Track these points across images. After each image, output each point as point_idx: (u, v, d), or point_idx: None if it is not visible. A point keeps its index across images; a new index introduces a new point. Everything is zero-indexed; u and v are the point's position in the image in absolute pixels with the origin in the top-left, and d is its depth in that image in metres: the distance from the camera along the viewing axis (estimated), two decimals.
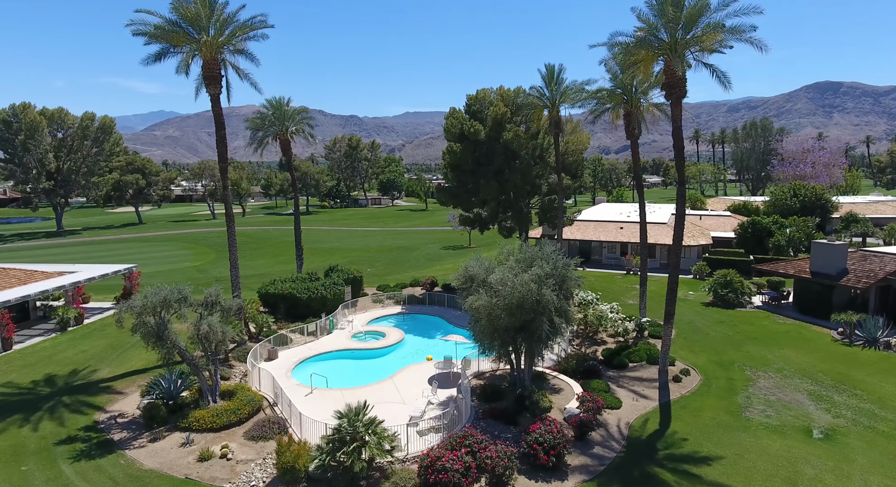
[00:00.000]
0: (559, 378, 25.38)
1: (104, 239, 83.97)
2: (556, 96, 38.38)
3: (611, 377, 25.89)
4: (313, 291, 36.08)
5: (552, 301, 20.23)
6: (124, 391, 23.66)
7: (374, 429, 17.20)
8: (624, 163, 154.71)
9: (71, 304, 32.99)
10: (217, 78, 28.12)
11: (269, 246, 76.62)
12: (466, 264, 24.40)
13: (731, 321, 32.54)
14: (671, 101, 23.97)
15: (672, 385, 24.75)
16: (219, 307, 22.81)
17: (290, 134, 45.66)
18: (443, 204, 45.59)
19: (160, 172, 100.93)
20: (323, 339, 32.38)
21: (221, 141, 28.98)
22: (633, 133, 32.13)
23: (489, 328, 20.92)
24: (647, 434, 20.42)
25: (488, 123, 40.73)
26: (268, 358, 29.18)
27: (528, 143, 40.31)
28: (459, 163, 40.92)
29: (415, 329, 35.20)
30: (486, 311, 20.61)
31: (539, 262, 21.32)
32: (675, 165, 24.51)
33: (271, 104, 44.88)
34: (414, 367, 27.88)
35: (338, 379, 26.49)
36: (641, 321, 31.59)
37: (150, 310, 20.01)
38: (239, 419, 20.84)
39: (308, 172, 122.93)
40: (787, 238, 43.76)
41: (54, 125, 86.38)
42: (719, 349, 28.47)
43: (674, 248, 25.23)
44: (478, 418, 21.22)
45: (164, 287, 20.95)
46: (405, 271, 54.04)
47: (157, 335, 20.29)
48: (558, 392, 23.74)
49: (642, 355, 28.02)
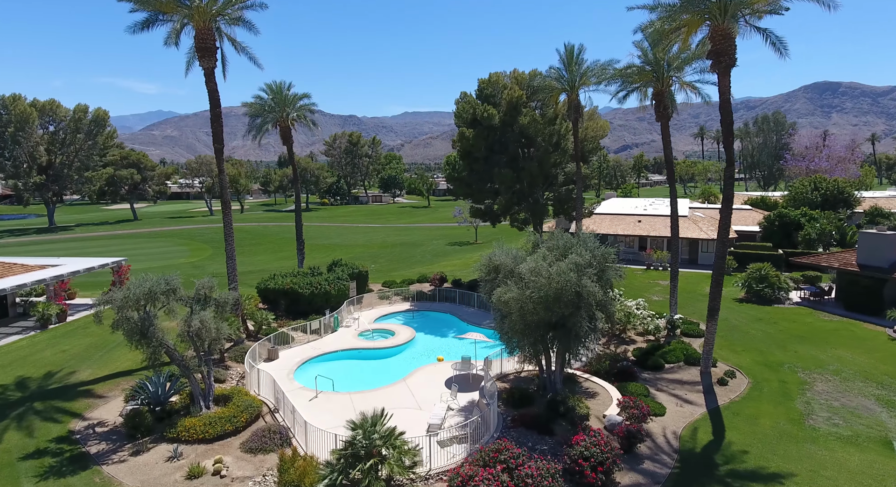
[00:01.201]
0: (591, 381, 22.85)
1: (97, 235, 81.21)
2: (576, 78, 35.83)
3: (647, 380, 23.40)
4: (316, 286, 33.52)
5: (594, 294, 17.68)
6: (106, 395, 21.05)
7: (393, 442, 14.64)
8: (629, 160, 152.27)
9: (53, 299, 30.34)
10: (211, 50, 25.52)
11: (269, 242, 74.05)
12: (490, 253, 21.88)
13: (770, 319, 30.02)
14: (718, 71, 21.44)
15: (718, 389, 22.24)
16: (212, 302, 20.25)
17: (290, 121, 43.09)
18: (454, 194, 43.00)
19: (156, 167, 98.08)
20: (327, 338, 29.85)
21: (216, 120, 26.37)
22: (663, 114, 29.59)
23: (520, 324, 18.36)
24: (701, 445, 17.88)
25: (502, 108, 38.17)
26: (268, 358, 26.64)
27: (545, 128, 37.76)
28: (472, 150, 38.34)
29: (426, 327, 32.67)
30: (518, 305, 18.06)
31: (577, 249, 18.76)
32: (724, 143, 21.96)
33: (270, 89, 42.23)
34: (428, 368, 25.37)
35: (345, 381, 23.98)
36: (674, 318, 29.09)
37: (133, 304, 17.41)
38: (235, 429, 18.27)
39: (308, 168, 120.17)
40: (818, 231, 41.25)
41: (46, 118, 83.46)
42: (763, 348, 25.95)
43: (720, 236, 22.69)
44: (507, 426, 18.67)
45: (149, 277, 18.37)
46: (410, 267, 51.52)
47: (142, 333, 17.71)
48: (593, 397, 21.21)
49: (679, 355, 25.55)
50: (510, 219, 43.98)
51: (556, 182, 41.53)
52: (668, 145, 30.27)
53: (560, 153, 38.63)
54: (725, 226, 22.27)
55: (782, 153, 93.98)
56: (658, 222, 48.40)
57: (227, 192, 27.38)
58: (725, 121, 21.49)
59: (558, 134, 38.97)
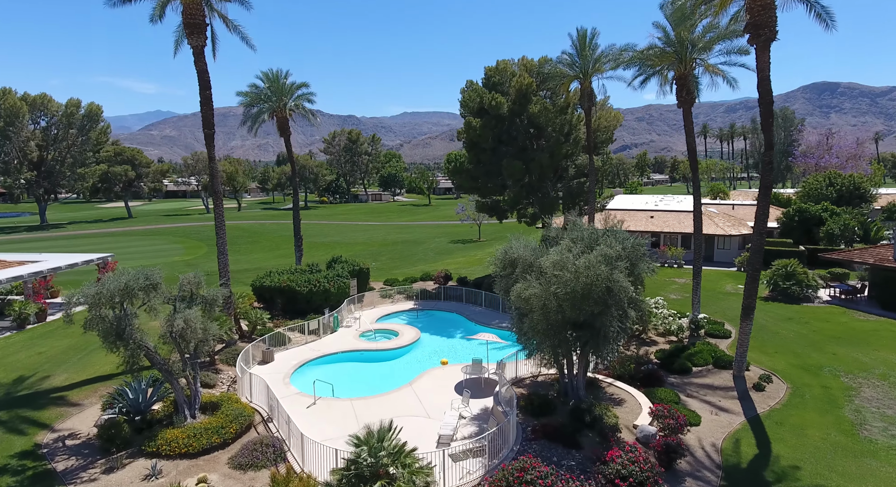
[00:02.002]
0: (616, 386, 20.88)
1: (89, 233, 79.04)
2: (589, 64, 33.91)
3: (675, 385, 21.46)
4: (315, 283, 31.54)
5: (626, 290, 15.72)
6: (81, 402, 19.04)
7: (403, 460, 12.67)
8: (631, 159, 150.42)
9: (31, 298, 28.29)
10: (200, 27, 23.55)
11: (266, 240, 72.00)
12: (505, 246, 19.93)
13: (801, 318, 28.09)
14: (757, 45, 19.52)
15: (754, 395, 20.30)
16: (199, 299, 18.26)
17: (288, 111, 41.11)
18: (461, 188, 41.01)
19: (151, 163, 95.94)
20: (326, 338, 27.90)
21: (206, 103, 24.37)
22: (686, 99, 27.63)
23: (542, 323, 16.39)
24: (746, 460, 15.93)
25: (511, 96, 36.21)
26: (262, 361, 24.68)
27: (557, 118, 35.80)
28: (478, 140, 36.37)
29: (431, 327, 30.71)
30: (540, 302, 16.09)
31: (606, 239, 16.81)
32: (762, 126, 20.01)
33: (267, 77, 40.22)
34: (436, 372, 23.42)
35: (346, 386, 22.05)
36: (697, 317, 27.15)
37: (107, 301, 15.41)
38: (223, 441, 16.28)
39: (307, 166, 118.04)
40: (841, 227, 39.35)
41: (37, 112, 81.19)
42: (798, 350, 24.01)
43: (757, 227, 20.74)
44: (527, 438, 16.69)
45: (126, 271, 16.38)
46: (413, 265, 49.56)
47: (118, 333, 15.72)
48: (619, 404, 19.25)
49: (706, 357, 23.62)
50: (517, 215, 42.03)
51: (566, 175, 39.60)
52: (691, 134, 28.33)
53: (572, 144, 36.69)
54: (763, 216, 20.33)
55: (790, 150, 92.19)
56: (671, 217, 46.48)
57: (217, 182, 25.39)
58: (764, 100, 19.54)
59: (569, 124, 37.03)
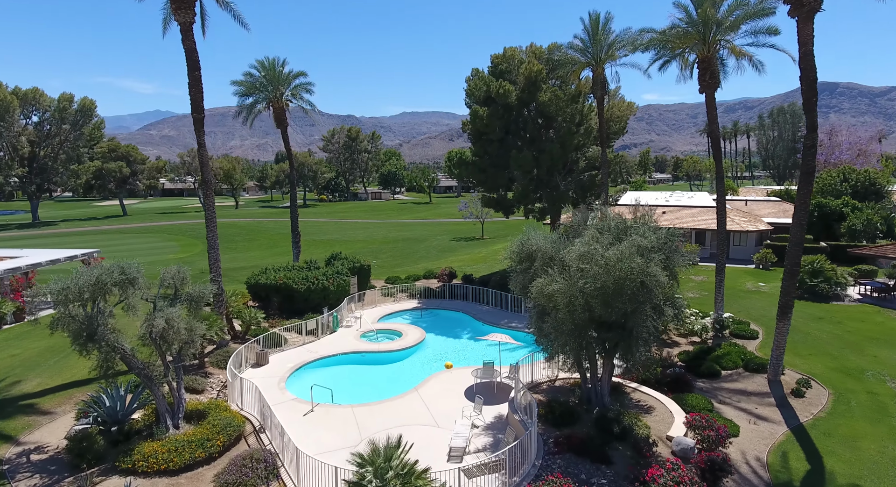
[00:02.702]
0: (641, 392, 19.10)
1: (81, 230, 77.16)
2: (602, 50, 32.20)
3: (704, 390, 19.71)
4: (313, 281, 29.74)
5: (662, 285, 13.94)
6: (54, 410, 17.23)
7: (415, 482, 10.87)
8: (634, 157, 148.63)
9: (8, 295, 26.43)
10: (188, 1, 21.74)
11: (263, 237, 70.22)
12: (521, 237, 18.14)
13: (832, 318, 26.33)
14: (798, 17, 17.78)
15: (794, 402, 18.53)
16: (184, 296, 16.46)
17: (284, 101, 39.34)
18: (464, 181, 39.21)
19: (146, 160, 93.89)
20: (325, 339, 26.12)
21: (195, 85, 22.56)
22: (709, 83, 25.83)
23: (568, 322, 14.59)
24: (798, 477, 14.16)
25: (519, 84, 34.40)
26: (256, 364, 22.89)
27: (568, 107, 33.99)
28: (485, 130, 34.54)
29: (436, 327, 28.92)
30: (565, 300, 14.29)
31: (638, 228, 15.02)
32: (805, 107, 18.23)
33: (262, 65, 38.49)
34: (443, 375, 21.64)
35: (346, 391, 20.29)
36: (722, 316, 25.39)
37: (75, 297, 13.59)
38: (208, 456, 14.47)
39: (305, 163, 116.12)
40: (864, 222, 37.61)
41: (28, 107, 79.20)
42: (834, 352, 22.25)
43: (797, 217, 18.98)
44: (550, 452, 14.89)
45: (100, 265, 14.58)
46: (415, 263, 47.79)
47: (89, 334, 13.90)
48: (648, 412, 17.46)
49: (735, 359, 21.86)
50: (524, 210, 40.22)
51: (576, 168, 37.79)
52: (715, 121, 26.57)
53: (584, 134, 34.89)
54: (804, 205, 18.58)
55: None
56: (684, 213, 44.73)
57: (208, 170, 23.59)
58: (807, 76, 17.77)
59: (580, 113, 35.21)
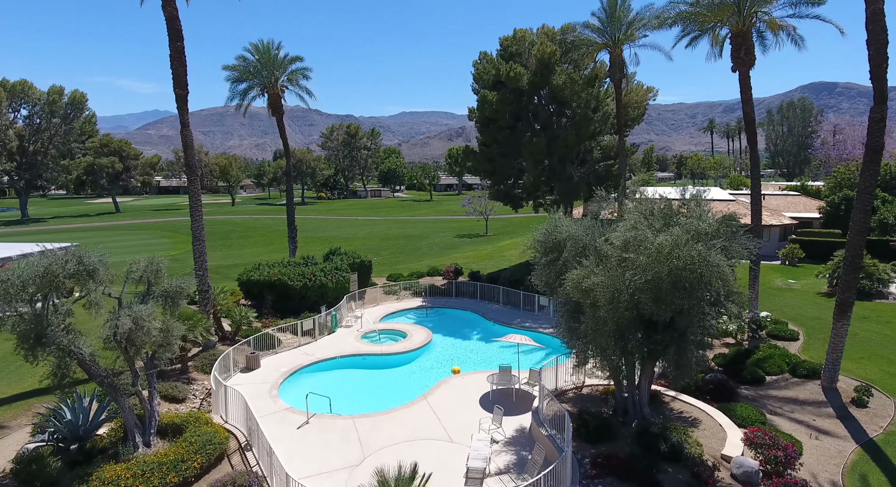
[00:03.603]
0: (680, 400, 16.79)
1: (71, 227, 74.72)
2: (620, 30, 29.89)
3: (751, 398, 17.48)
4: (310, 277, 27.45)
5: (726, 278, 11.65)
6: (8, 424, 14.90)
7: None
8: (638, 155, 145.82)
9: None
10: None
11: (259, 234, 67.84)
12: (547, 224, 15.83)
13: (879, 317, 24.08)
14: None
15: (856, 412, 16.30)
16: (159, 292, 14.13)
17: (280, 87, 37.04)
18: (473, 172, 36.90)
19: (139, 155, 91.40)
20: (322, 340, 23.86)
21: (178, 57, 20.21)
22: (744, 60, 23.54)
23: (611, 322, 12.30)
24: None
25: (531, 67, 32.13)
26: (246, 368, 20.63)
27: (583, 91, 31.71)
28: (495, 116, 32.25)
29: (444, 327, 26.68)
30: (608, 295, 12.00)
31: (694, 210, 12.76)
32: (873, 75, 15.96)
33: (256, 49, 36.16)
34: (454, 381, 19.37)
35: (346, 399, 18.07)
36: (759, 316, 23.13)
37: (18, 291, 11.27)
38: (183, 481, 12.18)
39: (304, 160, 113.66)
40: None
41: (17, 100, 76.73)
42: (890, 356, 20.01)
43: (860, 202, 16.71)
44: (587, 475, 12.60)
45: (54, 253, 12.29)
46: (418, 260, 45.47)
47: (37, 335, 11.59)
48: (695, 425, 15.15)
49: (779, 363, 19.64)
50: (533, 204, 37.93)
51: (589, 158, 35.52)
52: (749, 102, 24.23)
53: (600, 120, 32.58)
54: (870, 187, 16.31)
55: (809, 141, 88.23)
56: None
57: (192, 153, 21.27)
58: (876, 39, 15.53)
59: (596, 98, 32.92)
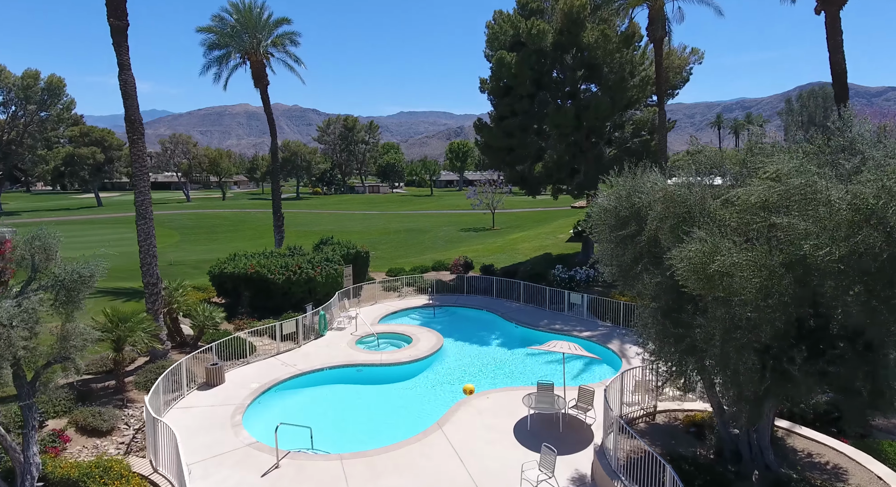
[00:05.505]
0: (799, 435, 12.06)
1: (46, 220, 69.59)
2: None
3: (887, 430, 12.77)
4: (294, 270, 22.71)
5: None
6: None
7: None
8: None
9: None
10: None
11: (249, 228, 63.07)
12: (616, 188, 11.10)
13: None
14: None
15: None
16: (51, 279, 9.37)
17: (264, 53, 32.26)
18: (484, 152, 32.04)
19: (123, 146, 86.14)
20: (307, 347, 19.13)
21: None
22: None
23: (766, 327, 7.51)
24: None
25: (557, 23, 27.38)
26: (206, 383, 15.93)
27: (618, 51, 26.96)
28: (514, 82, 27.43)
29: (456, 330, 21.93)
30: (759, 282, 7.22)
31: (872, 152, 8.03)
32: None
33: (236, 8, 31.47)
34: (478, 402, 14.59)
35: (333, 428, 13.35)
36: None
37: None
38: None
39: (298, 152, 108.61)
40: None
41: None
42: None
43: None
44: None
45: None
46: (420, 254, 40.81)
47: None
48: (839, 477, 10.43)
49: None
50: (553, 189, 32.99)
51: (619, 135, 30.77)
52: (839, 49, 19.60)
53: (638, 86, 27.83)
54: None
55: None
56: None
57: (133, 103, 16.45)
58: None
59: (631, 62, 28.16)
